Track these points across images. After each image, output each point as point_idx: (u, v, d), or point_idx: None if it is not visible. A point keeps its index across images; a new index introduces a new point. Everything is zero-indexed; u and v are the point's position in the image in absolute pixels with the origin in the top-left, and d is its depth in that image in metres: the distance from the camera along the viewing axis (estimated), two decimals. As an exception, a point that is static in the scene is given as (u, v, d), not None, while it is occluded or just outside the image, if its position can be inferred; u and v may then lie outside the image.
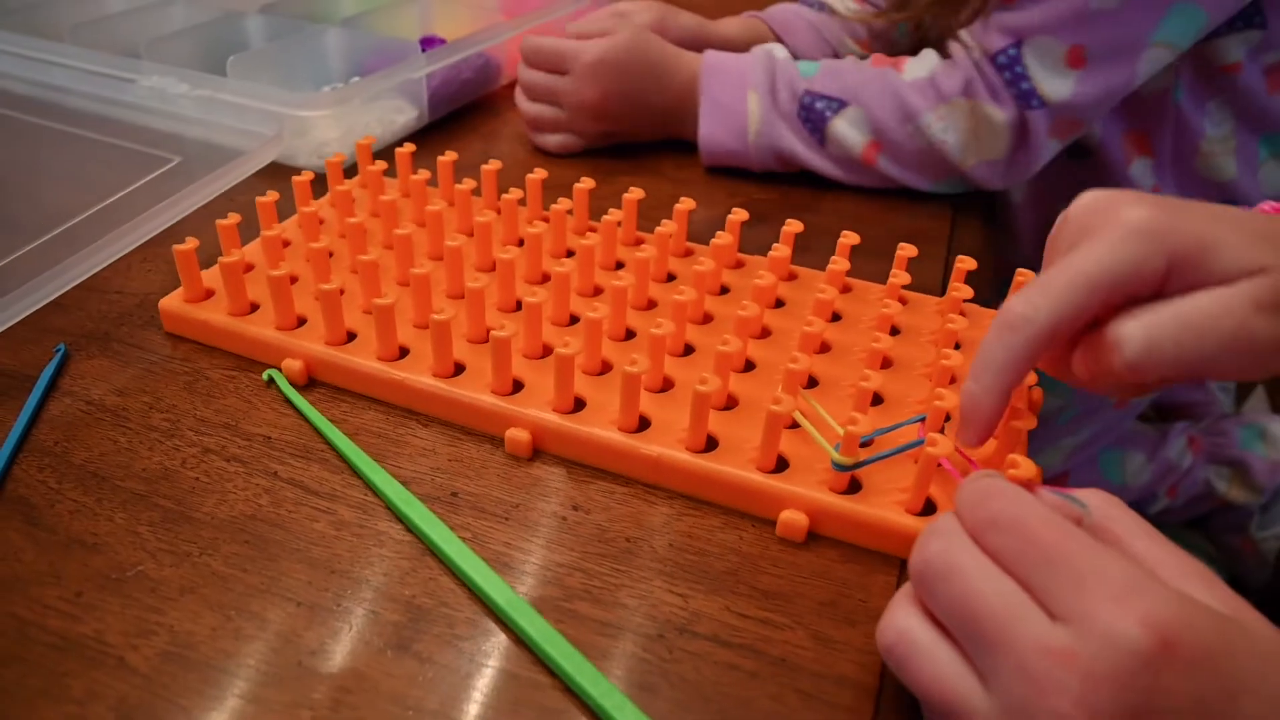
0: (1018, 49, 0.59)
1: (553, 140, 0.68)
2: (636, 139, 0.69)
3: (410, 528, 0.36)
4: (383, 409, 0.43)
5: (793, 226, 0.50)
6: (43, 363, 0.44)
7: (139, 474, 0.38)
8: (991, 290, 0.53)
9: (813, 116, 0.63)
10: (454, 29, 0.80)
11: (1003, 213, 0.78)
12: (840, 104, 0.62)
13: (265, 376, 0.44)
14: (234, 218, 0.48)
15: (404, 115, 0.67)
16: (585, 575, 0.35)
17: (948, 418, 0.39)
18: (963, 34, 0.62)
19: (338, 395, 0.43)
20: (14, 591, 0.33)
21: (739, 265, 0.53)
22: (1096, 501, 0.29)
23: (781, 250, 0.50)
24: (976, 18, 0.61)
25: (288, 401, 0.42)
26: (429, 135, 0.70)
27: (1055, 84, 0.59)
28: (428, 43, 0.76)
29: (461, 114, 0.74)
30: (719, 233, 0.50)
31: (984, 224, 0.63)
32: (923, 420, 0.39)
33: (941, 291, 0.49)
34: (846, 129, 0.62)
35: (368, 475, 0.38)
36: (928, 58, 0.63)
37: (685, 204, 0.52)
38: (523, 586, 0.34)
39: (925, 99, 0.61)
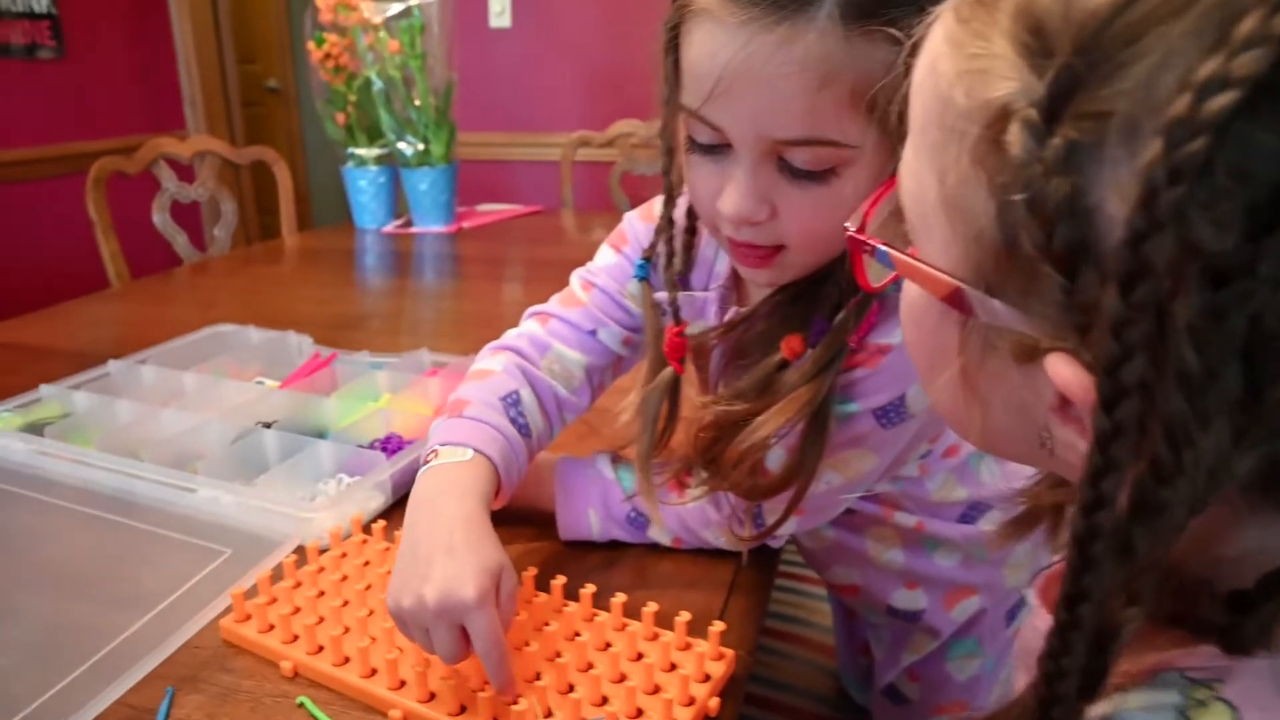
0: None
1: None
2: None
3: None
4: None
5: (588, 589, 0.81)
6: (159, 700, 0.73)
7: (231, 767, 0.66)
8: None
9: (635, 521, 0.92)
10: (407, 426, 1.15)
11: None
12: (646, 521, 0.91)
13: (298, 701, 0.73)
14: (265, 581, 0.79)
15: (375, 501, 1.00)
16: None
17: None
18: None
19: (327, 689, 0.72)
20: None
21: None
22: None
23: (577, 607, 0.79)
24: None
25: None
26: (394, 509, 1.02)
27: None
28: (388, 441, 1.11)
29: (413, 490, 1.07)
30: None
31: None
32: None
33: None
34: (658, 534, 0.91)
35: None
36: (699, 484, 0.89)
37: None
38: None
39: (703, 520, 0.89)
